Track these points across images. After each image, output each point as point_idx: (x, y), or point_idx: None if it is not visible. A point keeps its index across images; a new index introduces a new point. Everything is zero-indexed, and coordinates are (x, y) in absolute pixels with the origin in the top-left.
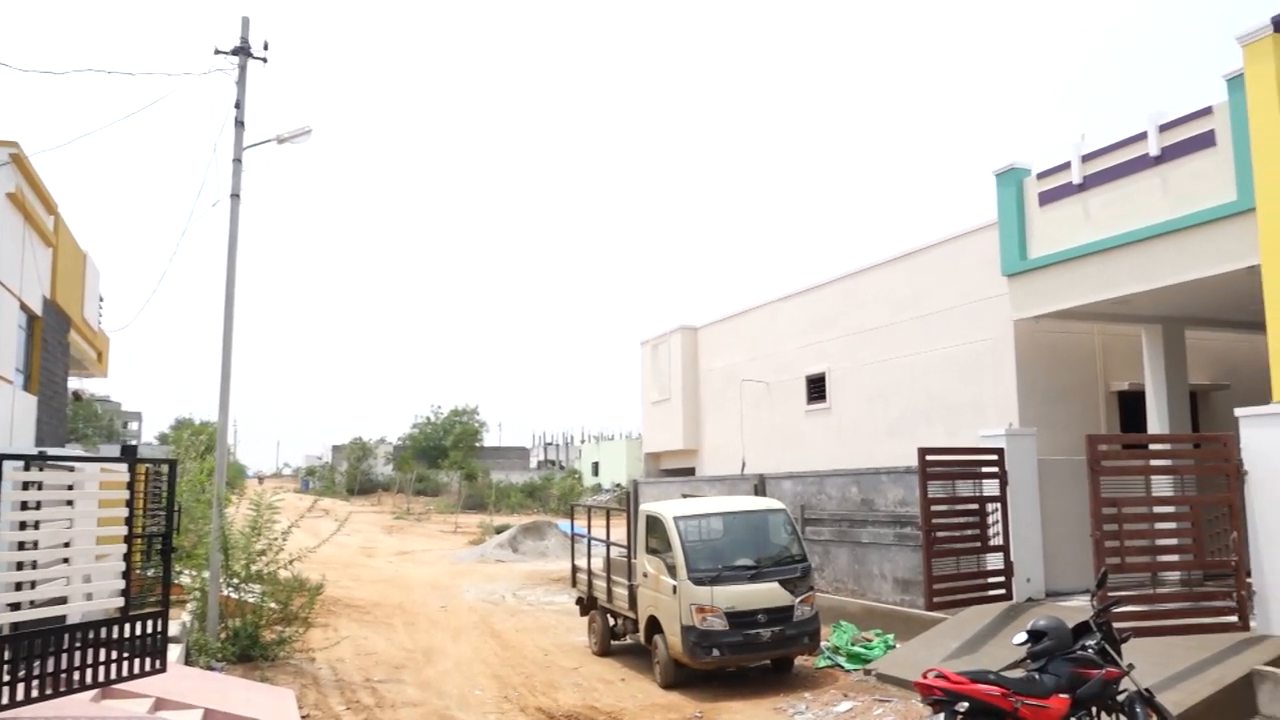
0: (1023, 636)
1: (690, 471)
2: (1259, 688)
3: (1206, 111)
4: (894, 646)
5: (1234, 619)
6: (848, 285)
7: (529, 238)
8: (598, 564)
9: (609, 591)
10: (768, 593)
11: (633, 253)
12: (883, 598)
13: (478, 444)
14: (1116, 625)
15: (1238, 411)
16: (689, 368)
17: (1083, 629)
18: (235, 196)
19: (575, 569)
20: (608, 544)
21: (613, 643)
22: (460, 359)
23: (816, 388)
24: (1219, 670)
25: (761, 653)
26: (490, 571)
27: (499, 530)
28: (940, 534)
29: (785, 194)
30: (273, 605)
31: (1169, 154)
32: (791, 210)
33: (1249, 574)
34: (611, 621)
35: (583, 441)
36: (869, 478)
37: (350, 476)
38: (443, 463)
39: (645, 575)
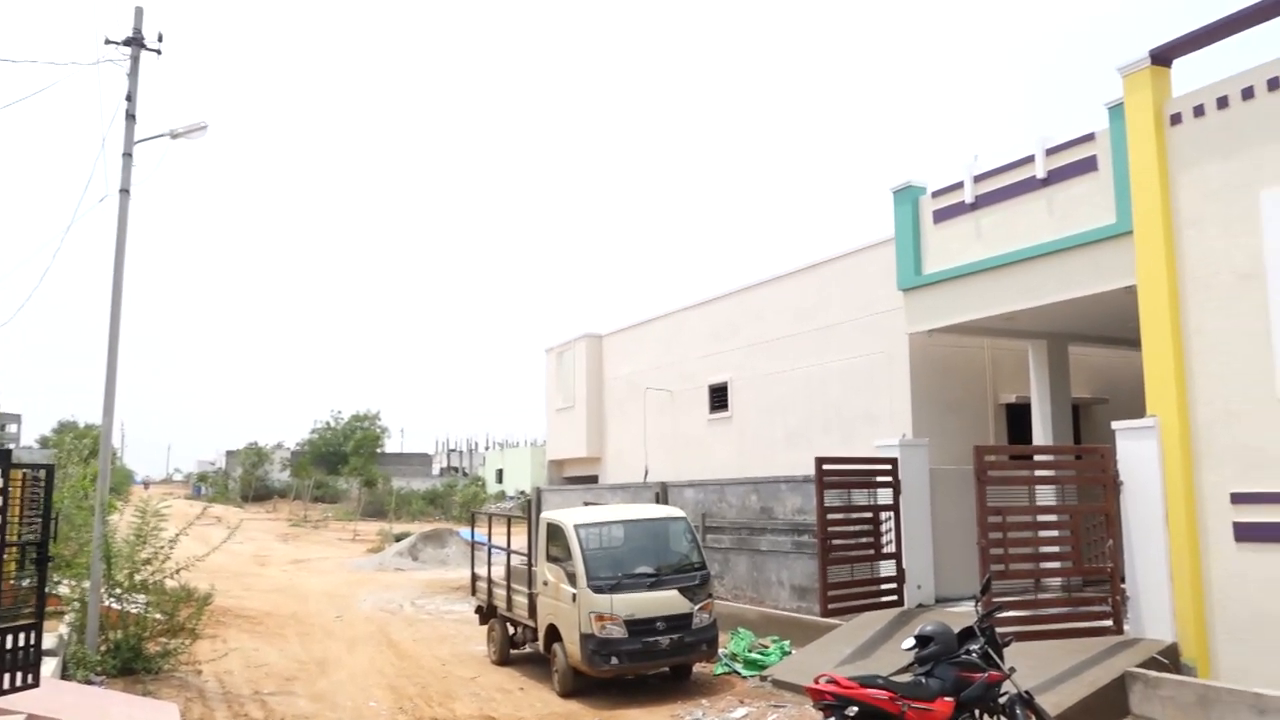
0: (911, 642)
1: (593, 479)
2: (1131, 689)
3: (1089, 138)
4: (790, 653)
5: (1109, 623)
6: (750, 296)
7: (434, 241)
8: (499, 572)
9: (509, 600)
10: (667, 600)
11: (540, 259)
12: (780, 605)
13: (379, 450)
14: (1000, 630)
15: (1114, 425)
16: (593, 375)
17: (968, 634)
18: (125, 192)
19: (475, 577)
20: (508, 552)
21: (512, 652)
22: (362, 364)
23: (719, 397)
24: (1095, 672)
25: (660, 660)
26: (389, 580)
27: (399, 538)
28: (836, 542)
29: (692, 204)
30: (158, 616)
31: (1054, 177)
32: (698, 221)
33: (1123, 580)
34: (511, 630)
35: (487, 448)
36: (768, 486)
37: (245, 483)
38: (342, 469)
39: (545, 583)
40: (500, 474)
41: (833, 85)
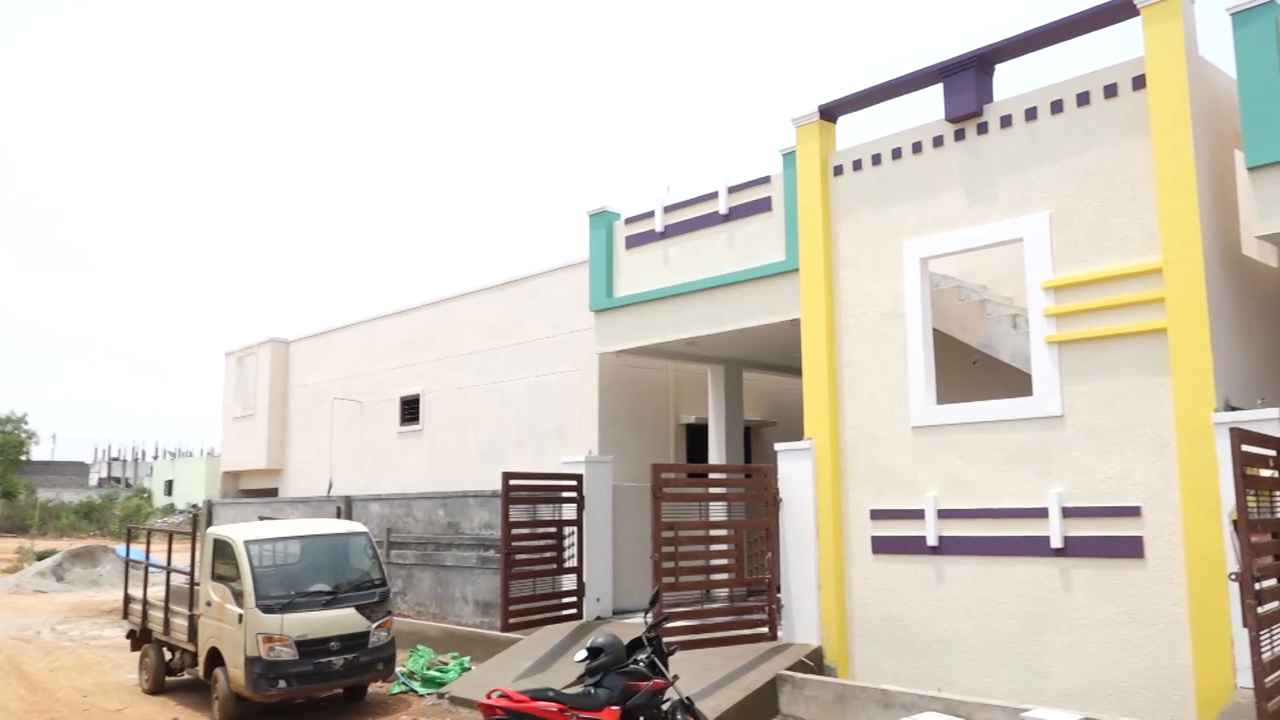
0: (582, 654)
1: (273, 492)
2: (781, 690)
3: (766, 180)
4: (469, 669)
5: (766, 630)
6: (446, 309)
7: (102, 226)
8: (158, 593)
9: (166, 622)
10: (343, 619)
11: (224, 257)
12: (463, 620)
13: (24, 458)
14: (667, 640)
15: (777, 446)
16: (278, 383)
17: (637, 644)
18: None
19: (128, 598)
20: (169, 570)
21: (169, 679)
22: (11, 362)
23: (410, 409)
24: (751, 676)
25: (333, 681)
26: (25, 604)
27: (41, 556)
28: (520, 556)
29: (390, 214)
30: None
31: (735, 213)
32: (395, 232)
33: (780, 589)
34: (168, 655)
35: (156, 457)
36: (456, 501)
37: None
38: None
39: (209, 604)
40: (170, 486)
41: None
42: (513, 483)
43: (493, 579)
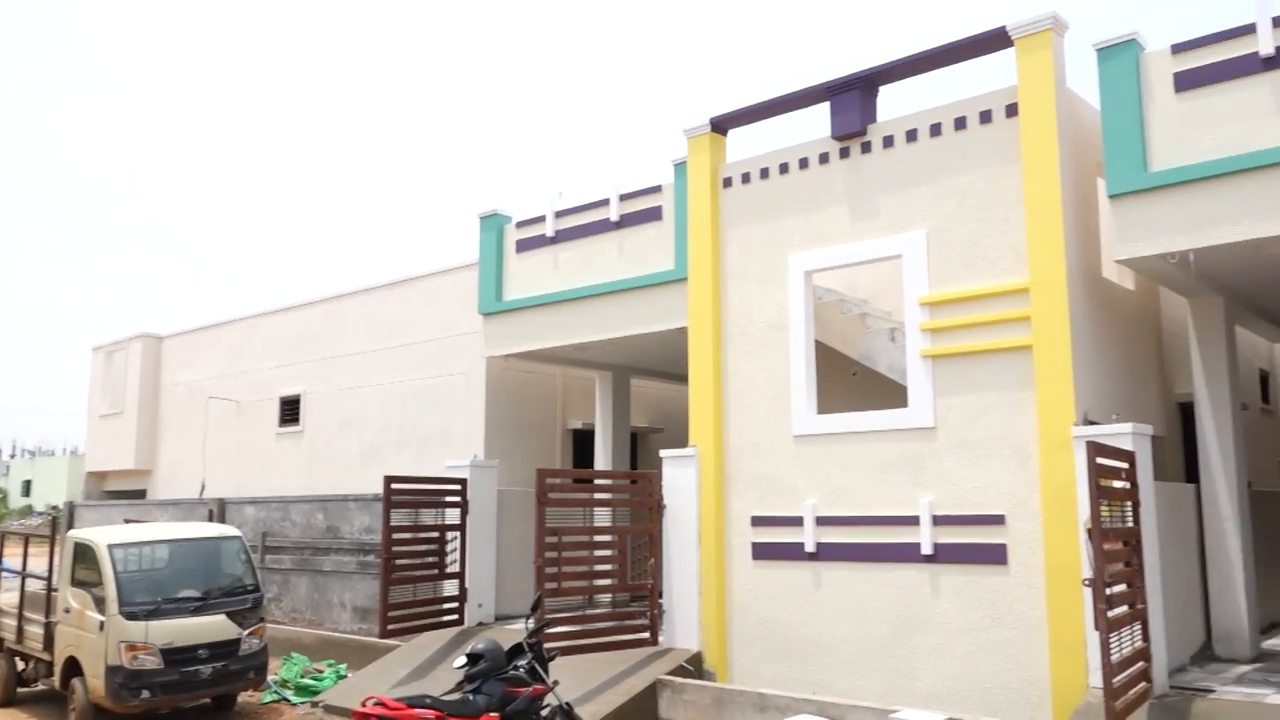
0: (462, 660)
1: (141, 494)
2: (660, 695)
3: (657, 189)
4: (345, 677)
5: (647, 635)
6: (330, 308)
7: None
8: (9, 599)
9: (20, 630)
10: (213, 626)
11: (85, 247)
12: (341, 627)
13: None
14: (548, 645)
15: (662, 453)
16: (148, 380)
17: (517, 650)
18: None
19: None
20: (23, 576)
21: (20, 690)
22: None
23: (290, 410)
24: (631, 681)
25: (201, 691)
26: None
27: None
28: (400, 561)
29: (275, 208)
30: None
31: (627, 221)
32: (281, 227)
33: (662, 595)
34: (21, 665)
35: (13, 456)
36: (336, 504)
37: None
38: None
39: (68, 611)
40: (28, 486)
41: (431, 102)
42: (395, 486)
43: (372, 584)
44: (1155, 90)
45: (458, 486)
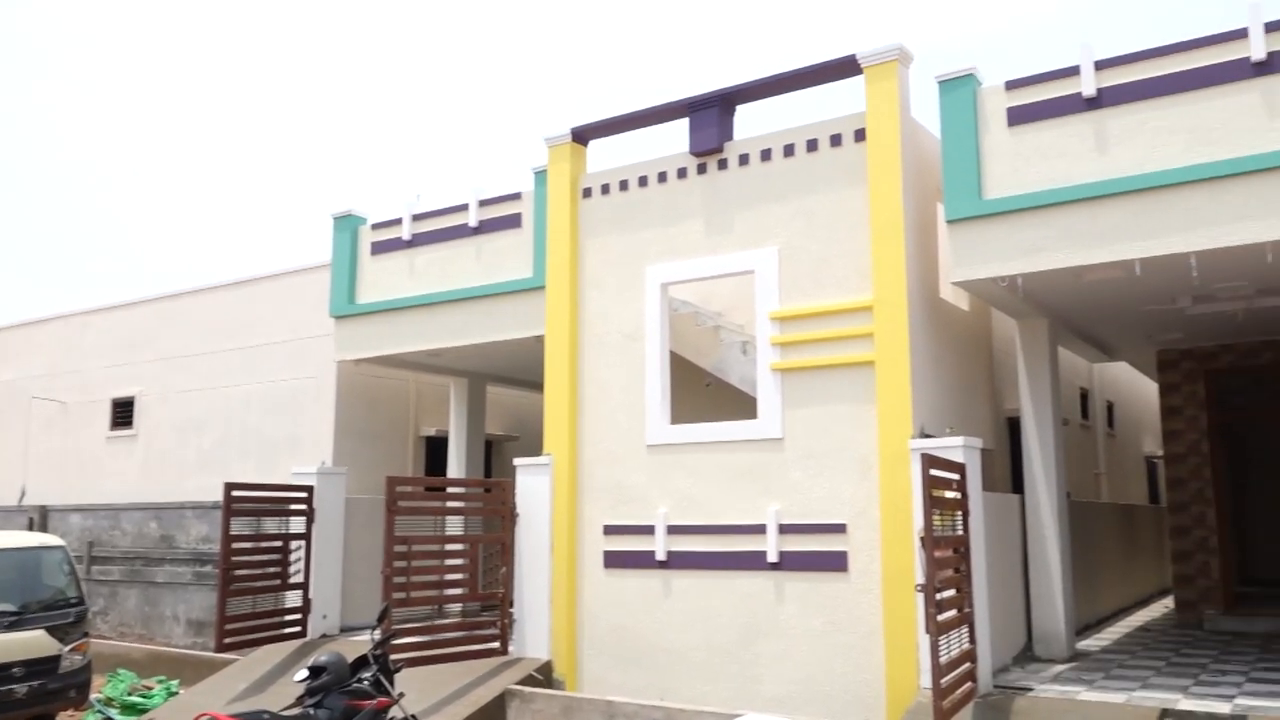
0: (303, 673)
1: None
2: (509, 705)
3: (517, 196)
4: (177, 693)
5: (497, 645)
6: (170, 306)
7: None
8: None
9: None
10: (30, 642)
11: None
12: (174, 641)
13: None
14: (394, 657)
15: (516, 461)
16: None
17: (362, 662)
18: None
19: None
20: None
21: None
22: None
23: (123, 412)
24: (479, 692)
25: (16, 712)
26: None
27: None
28: (240, 572)
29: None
30: None
31: (485, 227)
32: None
33: (513, 604)
34: None
35: None
36: (172, 513)
37: None
38: None
39: None
40: None
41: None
42: (236, 494)
43: (209, 596)
44: (990, 123)
45: (303, 494)
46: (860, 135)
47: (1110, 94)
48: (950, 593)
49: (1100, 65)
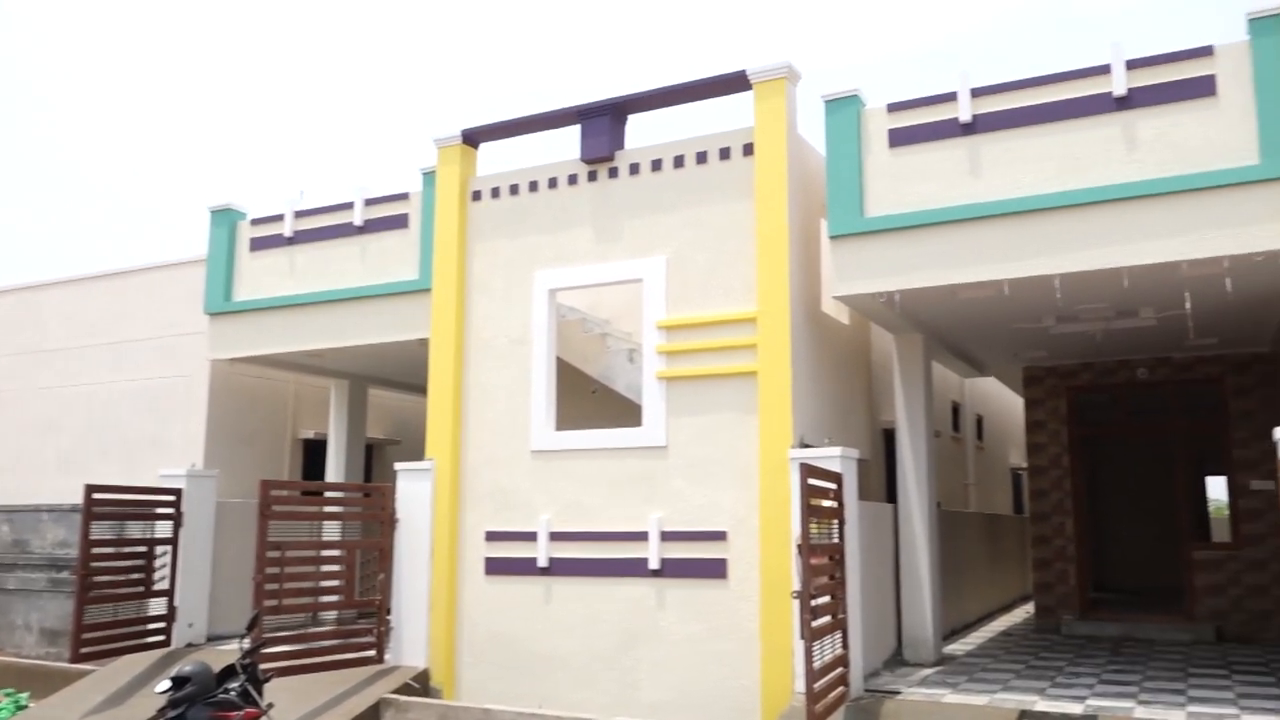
0: (166, 684)
1: None
2: (384, 714)
3: (404, 196)
4: (26, 706)
5: (373, 653)
6: (28, 298)
7: None
8: None
9: None
10: None
11: None
12: (25, 651)
13: None
14: (264, 666)
15: (397, 465)
16: None
17: (229, 672)
18: None
19: None
20: None
21: None
22: None
23: None
24: (353, 701)
25: None
26: None
27: None
28: (100, 579)
29: None
30: None
31: (370, 227)
32: None
33: (390, 612)
34: None
35: None
36: (26, 515)
37: None
38: None
39: None
40: None
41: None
42: (98, 496)
43: (65, 604)
44: (873, 143)
45: (171, 498)
46: (749, 150)
47: (985, 120)
48: (825, 599)
49: (976, 92)
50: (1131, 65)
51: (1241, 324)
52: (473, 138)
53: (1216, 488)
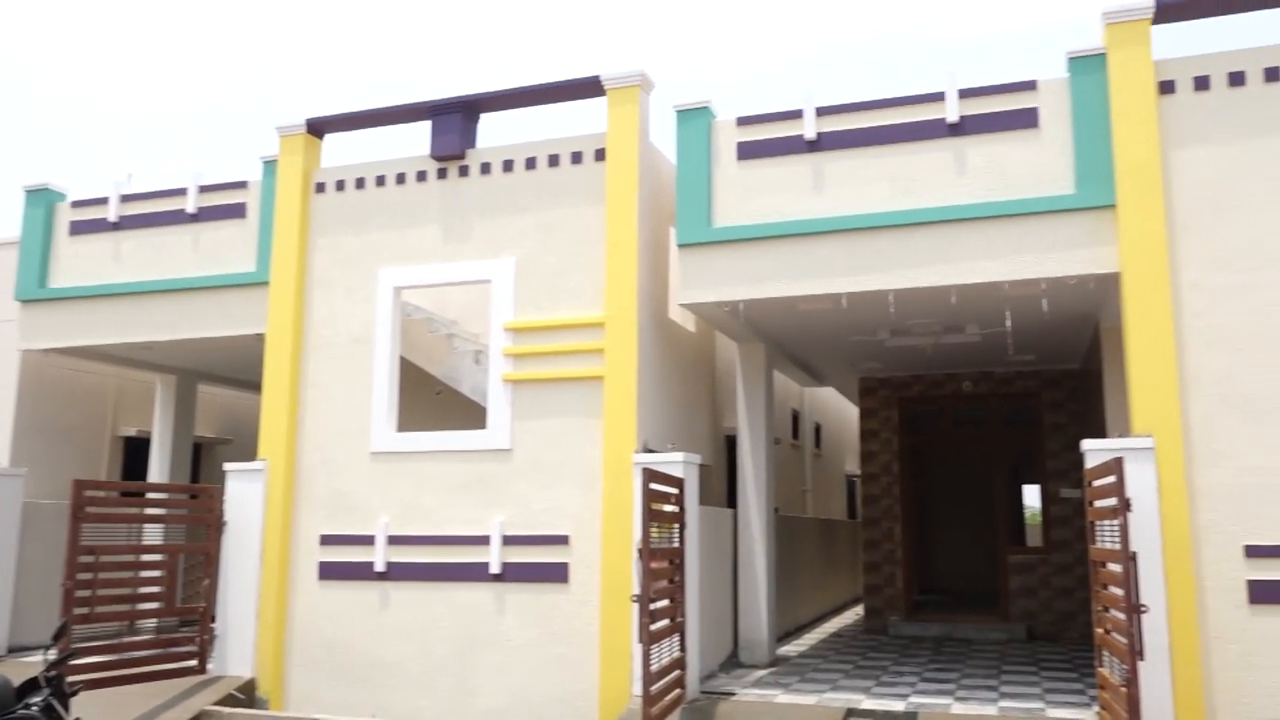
0: None
1: None
2: None
3: (243, 185)
4: None
5: (195, 663)
6: None
7: None
8: None
9: None
10: None
11: None
12: None
13: None
14: (71, 678)
15: (226, 466)
16: None
17: (31, 685)
18: None
19: None
20: None
21: None
22: None
23: None
24: (171, 714)
25: None
26: None
27: None
28: None
29: None
30: None
31: (204, 215)
32: None
33: (214, 619)
34: None
35: None
36: None
37: None
38: None
39: None
40: None
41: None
42: None
43: None
44: (722, 155)
45: None
46: (601, 155)
47: (829, 139)
48: (664, 603)
49: (821, 111)
50: (964, 94)
51: (1056, 342)
52: (318, 128)
53: (1032, 495)
